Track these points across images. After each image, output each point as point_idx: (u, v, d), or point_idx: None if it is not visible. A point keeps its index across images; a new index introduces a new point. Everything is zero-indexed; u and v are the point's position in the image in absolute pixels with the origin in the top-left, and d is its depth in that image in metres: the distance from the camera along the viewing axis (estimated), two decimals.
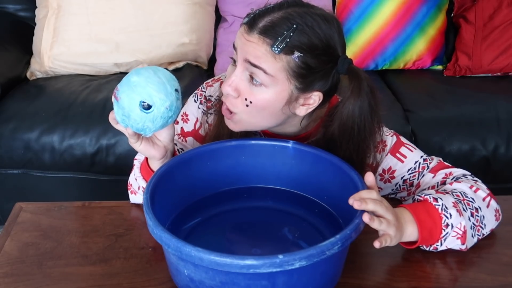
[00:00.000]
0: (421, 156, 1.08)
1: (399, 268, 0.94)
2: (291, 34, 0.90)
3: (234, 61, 0.98)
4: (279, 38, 0.90)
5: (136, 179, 1.06)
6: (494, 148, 1.87)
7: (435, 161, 1.07)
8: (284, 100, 0.95)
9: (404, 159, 1.07)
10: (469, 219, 0.95)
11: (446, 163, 1.08)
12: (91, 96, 1.90)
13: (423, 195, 0.97)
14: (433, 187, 1.04)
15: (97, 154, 1.82)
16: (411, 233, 0.92)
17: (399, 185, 1.08)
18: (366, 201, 0.83)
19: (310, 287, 0.82)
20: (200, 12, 2.12)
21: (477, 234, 0.97)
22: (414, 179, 1.07)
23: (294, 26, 0.91)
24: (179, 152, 1.11)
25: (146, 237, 0.98)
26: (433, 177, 1.05)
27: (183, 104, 1.00)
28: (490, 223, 0.99)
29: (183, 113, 1.17)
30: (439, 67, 2.26)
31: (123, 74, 2.08)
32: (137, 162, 1.09)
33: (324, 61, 0.94)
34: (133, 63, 2.08)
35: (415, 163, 1.07)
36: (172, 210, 0.97)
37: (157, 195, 0.89)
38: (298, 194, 1.03)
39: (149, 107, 0.89)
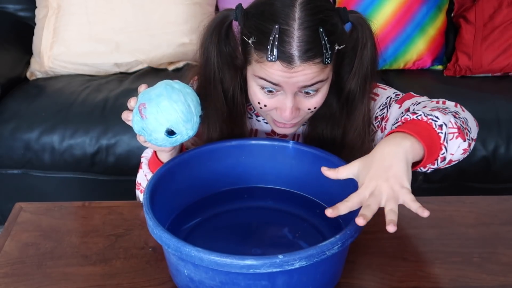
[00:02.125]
0: (394, 92, 1.08)
1: (399, 268, 0.94)
2: (325, 38, 0.89)
3: (270, 90, 0.95)
4: (324, 51, 0.89)
5: (145, 176, 1.06)
6: (494, 148, 1.87)
7: (405, 94, 1.07)
8: (330, 82, 0.97)
9: (377, 97, 1.08)
10: (456, 121, 0.91)
11: (415, 94, 1.07)
12: (91, 96, 1.90)
13: (400, 119, 0.91)
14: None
15: (97, 154, 1.82)
16: (411, 147, 0.83)
17: (373, 124, 1.07)
18: (338, 207, 0.79)
19: (310, 287, 0.82)
20: (200, 12, 2.12)
21: (467, 138, 0.91)
22: (383, 113, 1.06)
23: (321, 29, 0.89)
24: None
25: (146, 237, 0.98)
26: (399, 107, 1.04)
27: None
28: (473, 127, 0.96)
29: None
30: (439, 67, 2.26)
31: (123, 74, 2.09)
32: (145, 159, 1.08)
33: (342, 28, 0.95)
34: (133, 63, 2.08)
35: (387, 98, 1.07)
36: (172, 210, 0.97)
37: (157, 195, 0.89)
38: (298, 194, 1.03)
39: (173, 133, 0.90)
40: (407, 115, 0.90)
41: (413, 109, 0.97)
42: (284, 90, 0.94)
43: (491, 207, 1.08)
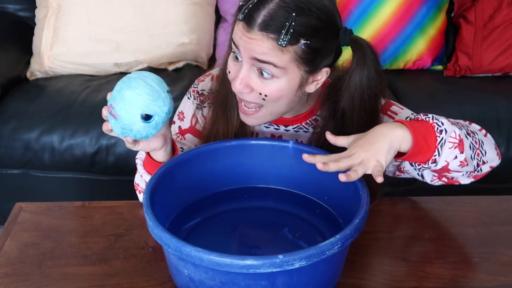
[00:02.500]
0: (412, 113, 1.09)
1: (399, 268, 0.94)
2: (293, 23, 0.90)
3: (236, 56, 0.97)
4: (283, 31, 0.90)
5: (141, 176, 1.06)
6: None
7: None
8: (297, 85, 0.97)
9: (395, 116, 1.08)
10: (466, 137, 0.95)
11: None
12: (91, 96, 1.90)
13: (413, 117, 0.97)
14: None
15: (97, 154, 1.82)
16: (402, 136, 0.90)
17: None
18: (315, 156, 0.88)
19: (310, 287, 0.82)
20: (200, 12, 2.12)
21: (477, 158, 0.96)
22: None
23: (294, 14, 0.90)
24: (182, 151, 1.11)
25: (146, 237, 0.98)
26: None
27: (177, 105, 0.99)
28: (490, 153, 0.99)
29: (179, 112, 1.17)
30: (439, 67, 2.26)
31: (123, 74, 2.07)
32: (139, 161, 1.08)
33: (328, 38, 0.95)
34: (133, 63, 2.08)
35: (406, 118, 1.07)
36: (172, 210, 0.97)
37: (157, 195, 0.89)
38: (298, 194, 1.03)
39: (150, 117, 0.90)
40: (420, 115, 0.95)
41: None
42: (241, 56, 0.95)
43: (491, 207, 1.08)
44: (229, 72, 1.00)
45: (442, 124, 0.93)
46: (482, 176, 1.01)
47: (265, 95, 0.96)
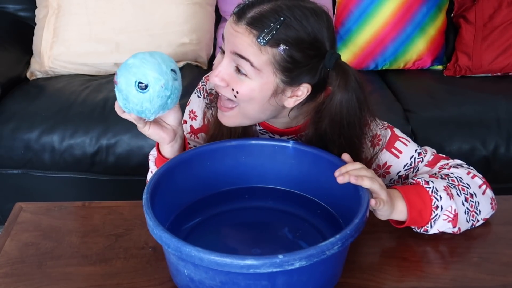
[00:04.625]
0: (416, 150, 1.08)
1: (399, 268, 0.94)
2: (278, 26, 0.91)
3: (223, 51, 0.98)
4: (265, 30, 0.91)
5: (151, 172, 1.07)
6: (494, 148, 1.87)
7: (429, 153, 1.08)
8: (270, 92, 0.96)
9: (400, 154, 1.07)
10: (463, 204, 0.97)
11: (441, 155, 1.09)
12: (91, 96, 1.90)
13: (416, 179, 0.99)
14: (430, 177, 1.03)
15: (97, 154, 1.82)
16: (401, 210, 0.94)
17: (394, 180, 1.09)
18: (362, 178, 0.87)
19: (310, 287, 0.82)
20: (200, 12, 2.12)
21: (472, 220, 0.99)
22: (410, 173, 1.07)
23: (282, 18, 0.91)
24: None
25: (146, 237, 0.98)
26: (429, 171, 1.06)
27: (183, 103, 0.98)
28: (485, 210, 1.00)
29: (190, 110, 1.17)
30: (439, 67, 2.26)
31: None
32: (151, 157, 1.09)
33: (311, 55, 0.94)
34: None
35: (410, 158, 1.07)
36: (172, 210, 0.97)
37: (157, 195, 0.89)
38: (298, 194, 1.03)
39: (145, 87, 0.89)
40: (422, 179, 0.98)
41: (440, 174, 1.02)
42: (225, 49, 0.96)
43: None
44: (213, 64, 1.01)
45: (440, 198, 0.95)
46: None
47: (237, 92, 0.96)
